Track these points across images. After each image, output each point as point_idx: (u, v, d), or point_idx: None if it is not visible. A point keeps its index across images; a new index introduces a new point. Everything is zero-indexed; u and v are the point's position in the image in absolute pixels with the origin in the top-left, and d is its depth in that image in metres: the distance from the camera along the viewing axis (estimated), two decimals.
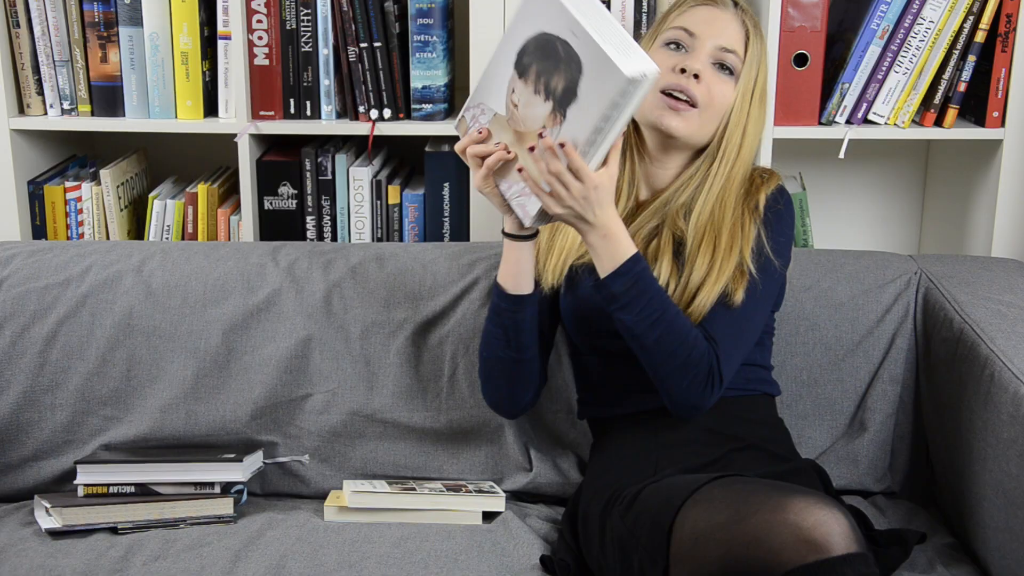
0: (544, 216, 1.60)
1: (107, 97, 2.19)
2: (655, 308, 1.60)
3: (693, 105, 1.70)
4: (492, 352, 1.77)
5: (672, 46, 1.74)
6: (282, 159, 2.22)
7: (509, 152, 1.59)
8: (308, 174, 2.20)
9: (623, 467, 1.72)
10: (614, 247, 1.59)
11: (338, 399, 1.96)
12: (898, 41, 2.09)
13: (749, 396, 1.76)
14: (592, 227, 1.57)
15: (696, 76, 1.69)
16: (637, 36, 2.10)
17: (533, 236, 1.70)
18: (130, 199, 2.29)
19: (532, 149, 1.54)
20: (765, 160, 2.11)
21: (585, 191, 1.53)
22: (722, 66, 1.71)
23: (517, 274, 1.71)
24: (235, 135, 2.17)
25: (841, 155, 2.13)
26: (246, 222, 2.21)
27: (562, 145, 1.50)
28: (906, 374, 1.98)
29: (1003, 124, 2.13)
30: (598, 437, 1.84)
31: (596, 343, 1.78)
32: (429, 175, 2.19)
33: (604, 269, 1.60)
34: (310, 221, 2.22)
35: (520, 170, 1.58)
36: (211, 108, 2.21)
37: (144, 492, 1.84)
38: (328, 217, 2.22)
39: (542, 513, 1.89)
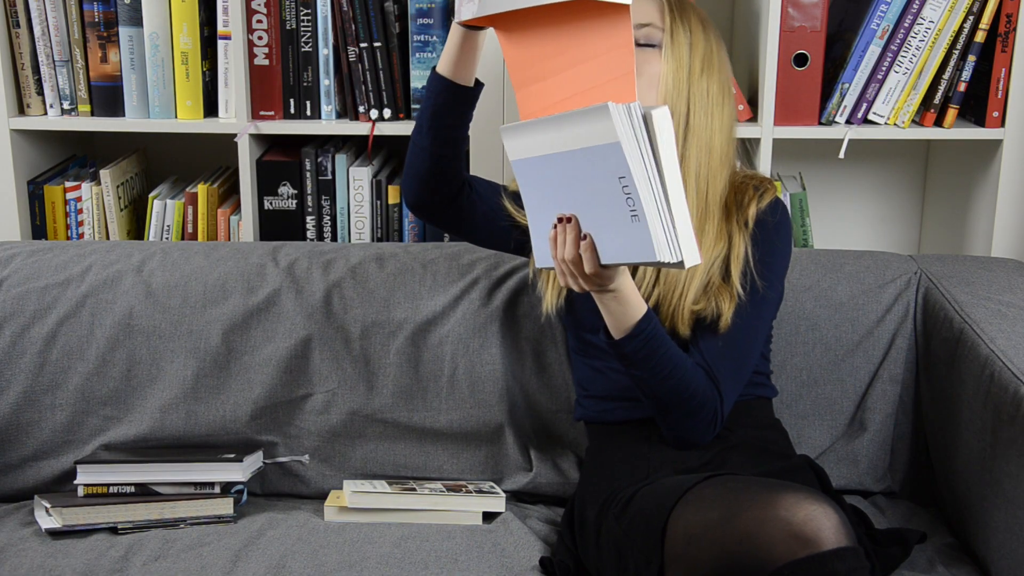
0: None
1: (107, 97, 2.19)
2: (665, 364, 1.60)
3: None
4: (412, 135, 1.74)
5: None
6: (282, 159, 2.22)
7: None
8: (308, 174, 2.20)
9: (618, 470, 1.72)
10: (624, 308, 1.58)
11: (338, 399, 1.96)
12: (898, 41, 2.09)
13: (744, 401, 1.76)
14: (605, 292, 1.56)
15: None
16: None
17: (478, 29, 1.64)
18: (130, 199, 2.29)
19: (559, 222, 1.48)
20: (765, 160, 2.11)
21: (600, 281, 1.51)
22: (642, 43, 1.66)
23: (452, 60, 1.67)
24: (235, 135, 2.17)
25: (841, 155, 2.13)
26: (246, 222, 2.21)
27: (584, 237, 1.46)
28: (906, 374, 1.98)
29: (1003, 124, 2.13)
30: (592, 440, 1.84)
31: (592, 352, 1.79)
32: None
33: (616, 329, 1.60)
34: (310, 221, 2.22)
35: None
36: (211, 108, 2.21)
37: (144, 492, 1.84)
38: (328, 217, 2.22)
39: (542, 514, 1.89)
